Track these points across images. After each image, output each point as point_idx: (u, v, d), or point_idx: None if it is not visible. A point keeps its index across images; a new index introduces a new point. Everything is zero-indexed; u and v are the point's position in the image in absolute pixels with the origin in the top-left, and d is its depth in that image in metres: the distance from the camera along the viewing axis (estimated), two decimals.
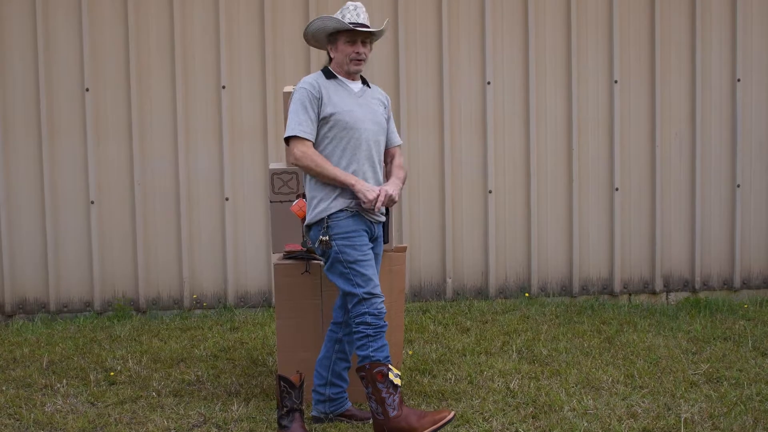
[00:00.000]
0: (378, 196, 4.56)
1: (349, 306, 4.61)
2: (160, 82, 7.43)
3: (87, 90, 7.35)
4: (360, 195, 4.55)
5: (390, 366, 4.54)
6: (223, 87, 7.45)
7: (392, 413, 4.50)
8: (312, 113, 4.63)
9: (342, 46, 4.70)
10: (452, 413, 4.50)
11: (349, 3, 4.72)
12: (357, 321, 4.56)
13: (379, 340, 4.54)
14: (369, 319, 4.54)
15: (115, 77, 7.39)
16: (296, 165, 4.62)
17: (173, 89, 7.41)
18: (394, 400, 4.50)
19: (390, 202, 4.66)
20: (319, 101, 4.64)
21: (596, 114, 7.75)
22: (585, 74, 7.73)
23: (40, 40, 7.29)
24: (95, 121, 7.38)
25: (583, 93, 7.73)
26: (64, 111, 7.37)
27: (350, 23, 4.64)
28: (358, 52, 4.69)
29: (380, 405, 4.51)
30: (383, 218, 4.81)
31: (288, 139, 4.64)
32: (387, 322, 4.62)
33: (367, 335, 4.54)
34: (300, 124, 4.61)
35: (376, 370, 4.50)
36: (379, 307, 4.56)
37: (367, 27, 4.68)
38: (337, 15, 4.71)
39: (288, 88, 5.48)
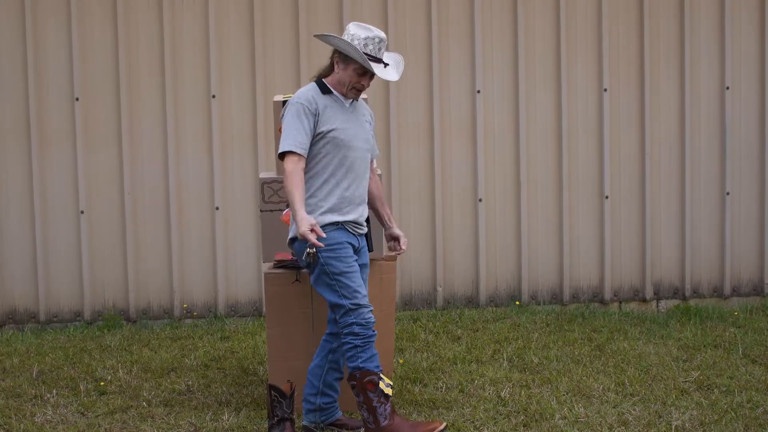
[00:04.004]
0: (312, 230, 4.46)
1: (337, 317, 4.62)
2: (150, 91, 7.41)
3: (77, 99, 7.34)
4: (299, 225, 4.47)
5: (381, 375, 4.55)
6: (213, 96, 7.45)
7: (383, 422, 4.50)
8: (307, 128, 4.61)
9: (351, 71, 4.65)
10: (444, 424, 4.51)
11: (377, 34, 4.63)
12: (345, 332, 4.57)
13: (368, 350, 4.55)
14: (356, 329, 4.55)
15: (104, 86, 7.37)
16: (284, 176, 4.58)
17: (163, 98, 7.40)
18: (385, 410, 4.51)
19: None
20: (315, 117, 4.63)
21: (585, 122, 7.77)
22: (574, 82, 7.74)
23: (30, 48, 7.27)
24: (85, 130, 7.36)
25: (572, 101, 7.74)
26: (54, 120, 7.35)
27: (369, 57, 4.59)
28: (363, 84, 4.69)
29: (371, 414, 4.52)
30: (365, 230, 4.84)
31: (282, 154, 4.61)
32: (376, 331, 4.62)
33: (356, 346, 4.55)
34: (295, 138, 4.58)
35: (366, 379, 4.51)
36: (366, 317, 4.57)
37: (385, 64, 4.66)
38: (361, 34, 4.61)
39: (278, 97, 5.48)
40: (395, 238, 4.98)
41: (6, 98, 7.31)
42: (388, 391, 4.52)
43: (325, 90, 4.71)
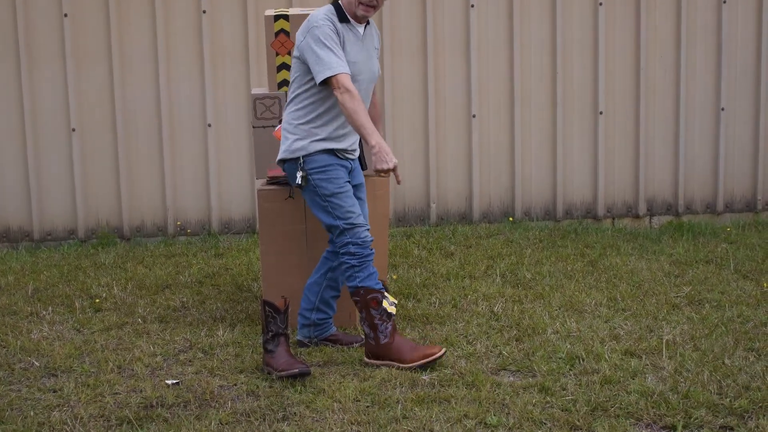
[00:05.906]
0: (394, 168, 4.41)
1: (333, 238, 4.63)
2: (140, 7, 7.30)
3: (65, 15, 7.22)
4: (377, 161, 4.39)
5: (386, 294, 4.57)
6: (204, 11, 7.34)
7: (383, 340, 4.55)
8: (339, 49, 4.51)
9: None
10: (443, 351, 4.54)
11: None
12: (342, 251, 4.60)
13: (366, 269, 4.57)
14: (353, 248, 4.57)
15: (93, 1, 7.25)
16: (342, 101, 4.42)
17: (153, 14, 7.29)
18: (386, 328, 4.55)
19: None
20: (340, 38, 4.53)
21: (581, 37, 7.68)
22: None
23: None
24: (74, 47, 7.26)
25: (567, 15, 7.64)
26: (43, 37, 7.24)
27: None
28: None
29: (372, 331, 4.56)
30: (357, 154, 4.82)
31: (329, 79, 4.45)
32: (373, 250, 4.64)
33: (352, 266, 4.57)
34: (340, 59, 4.46)
35: (370, 296, 4.54)
36: (362, 236, 4.58)
37: None
38: None
39: (270, 12, 5.39)
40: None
41: None
42: (392, 309, 4.54)
43: (342, 17, 4.58)
